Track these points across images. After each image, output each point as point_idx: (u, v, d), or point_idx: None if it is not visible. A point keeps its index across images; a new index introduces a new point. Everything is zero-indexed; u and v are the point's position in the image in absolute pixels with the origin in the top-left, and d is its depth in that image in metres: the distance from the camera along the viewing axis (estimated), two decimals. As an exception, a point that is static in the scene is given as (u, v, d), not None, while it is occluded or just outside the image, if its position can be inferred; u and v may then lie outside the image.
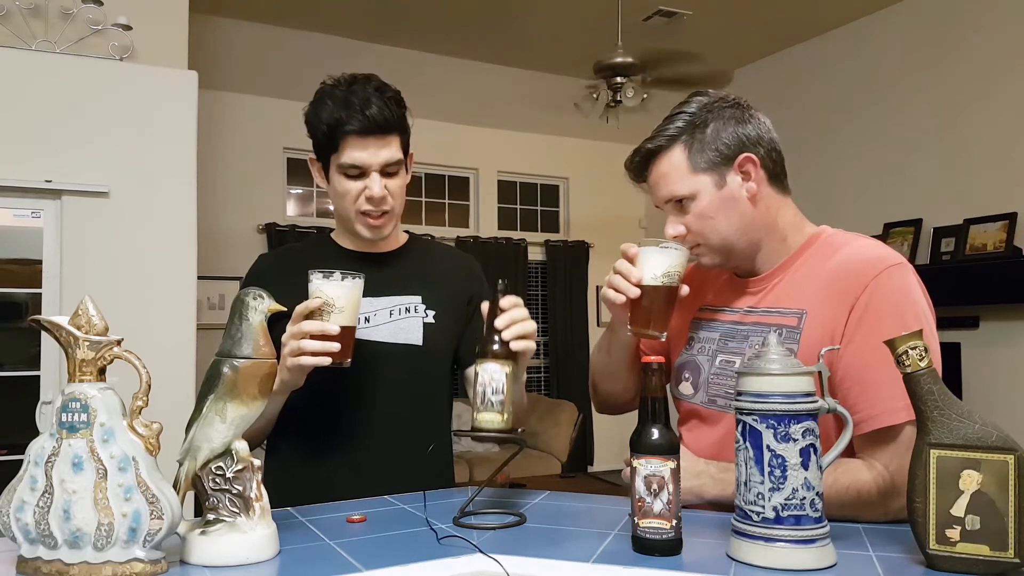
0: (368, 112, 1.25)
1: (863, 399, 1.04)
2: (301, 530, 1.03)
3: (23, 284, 3.16)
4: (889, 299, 1.07)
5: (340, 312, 1.16)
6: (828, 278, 1.13)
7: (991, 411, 3.50)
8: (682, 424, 1.30)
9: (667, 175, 1.19)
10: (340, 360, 1.16)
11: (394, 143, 1.30)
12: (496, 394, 1.03)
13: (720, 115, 1.17)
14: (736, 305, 1.24)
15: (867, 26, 4.90)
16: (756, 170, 1.17)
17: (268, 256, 1.52)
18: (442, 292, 1.41)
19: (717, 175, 1.16)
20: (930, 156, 4.44)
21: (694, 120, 1.17)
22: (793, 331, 1.12)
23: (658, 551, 0.88)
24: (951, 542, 0.82)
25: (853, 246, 1.16)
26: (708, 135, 1.16)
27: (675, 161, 1.18)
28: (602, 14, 4.62)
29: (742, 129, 1.17)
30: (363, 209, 1.31)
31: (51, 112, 3.05)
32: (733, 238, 1.18)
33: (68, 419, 0.83)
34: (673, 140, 1.18)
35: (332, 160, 1.30)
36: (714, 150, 1.16)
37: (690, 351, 1.28)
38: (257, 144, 5.35)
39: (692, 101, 1.20)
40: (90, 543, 0.82)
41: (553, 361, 6.43)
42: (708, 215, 1.17)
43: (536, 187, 6.74)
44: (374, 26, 4.96)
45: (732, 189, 1.16)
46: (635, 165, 1.24)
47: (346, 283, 1.18)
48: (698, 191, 1.17)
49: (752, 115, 1.19)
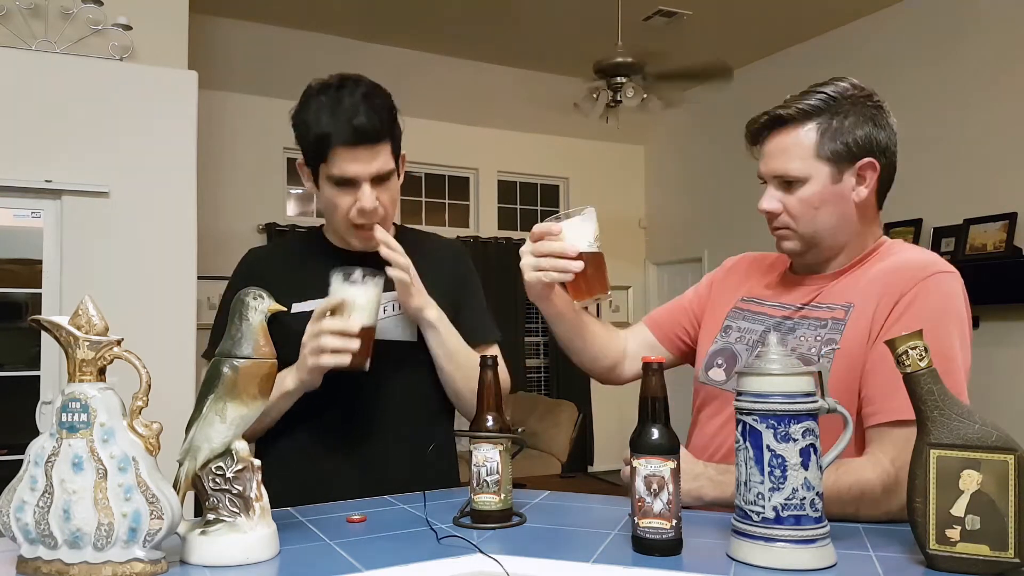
0: (356, 122, 1.21)
1: (882, 391, 1.05)
2: (301, 530, 1.03)
3: (23, 284, 3.16)
4: (932, 302, 1.07)
5: (360, 311, 1.16)
6: (878, 277, 1.13)
7: (991, 411, 3.49)
8: (702, 408, 1.29)
9: (788, 149, 1.15)
10: (359, 363, 1.16)
11: (384, 151, 1.26)
12: (492, 475, 1.04)
13: (861, 110, 1.14)
14: (788, 301, 1.23)
15: (867, 26, 4.90)
16: (873, 178, 1.15)
17: (259, 249, 1.50)
18: (435, 284, 1.39)
19: (836, 169, 1.14)
20: (930, 156, 4.44)
21: (835, 105, 1.14)
22: (839, 323, 1.13)
23: (658, 551, 0.88)
24: (951, 542, 0.82)
25: (909, 252, 1.18)
26: (844, 126, 1.13)
27: (803, 138, 1.14)
28: (602, 14, 4.62)
29: (876, 133, 1.15)
30: (355, 221, 1.28)
31: (51, 112, 3.05)
32: (825, 234, 1.17)
33: (68, 419, 0.83)
34: (808, 116, 1.14)
35: (321, 170, 1.27)
36: (844, 143, 1.13)
37: (727, 338, 1.27)
38: (257, 144, 5.35)
39: (836, 84, 1.16)
40: (90, 543, 0.82)
41: (553, 361, 6.43)
42: (813, 204, 1.15)
43: (536, 187, 6.74)
44: (374, 26, 4.96)
45: (844, 188, 1.15)
46: (758, 126, 1.20)
47: (367, 283, 1.17)
48: (812, 176, 1.14)
49: (888, 121, 1.17)
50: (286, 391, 1.22)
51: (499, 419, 1.08)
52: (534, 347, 6.60)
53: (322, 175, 1.27)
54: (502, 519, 1.05)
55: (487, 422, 1.07)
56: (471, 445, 1.07)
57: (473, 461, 1.06)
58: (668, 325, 1.42)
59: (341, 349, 1.13)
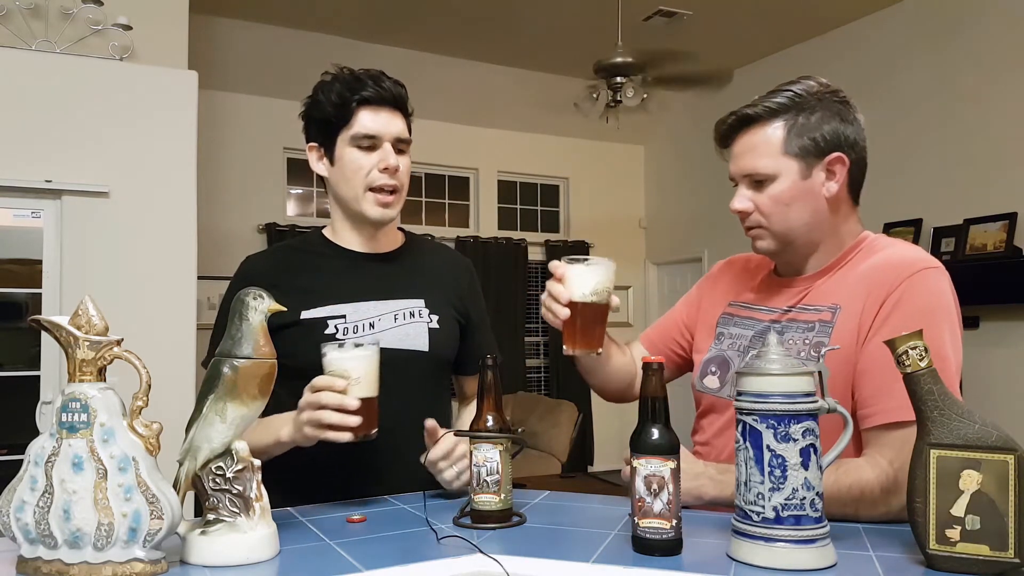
0: (383, 84, 1.29)
1: (878, 393, 1.05)
2: (301, 530, 1.03)
3: (23, 284, 3.16)
4: (919, 300, 1.07)
5: (357, 383, 1.11)
6: (864, 275, 1.13)
7: (991, 411, 3.50)
8: (702, 417, 1.29)
9: (757, 148, 1.16)
10: (365, 433, 1.11)
11: (403, 120, 1.32)
12: (492, 475, 1.04)
13: (829, 106, 1.15)
14: (774, 304, 1.23)
15: (867, 26, 4.90)
16: (843, 172, 1.15)
17: (258, 257, 1.43)
18: (442, 295, 1.40)
19: (805, 164, 1.14)
20: (930, 156, 4.44)
21: (802, 102, 1.14)
22: (826, 325, 1.13)
23: (658, 551, 0.88)
24: (951, 542, 0.82)
25: (893, 248, 1.17)
26: (811, 122, 1.14)
27: (770, 136, 1.15)
28: (602, 14, 4.62)
29: (843, 128, 1.15)
30: (375, 184, 1.30)
31: (51, 112, 3.05)
32: (798, 231, 1.17)
33: (68, 419, 0.83)
34: (775, 114, 1.15)
35: (342, 134, 1.30)
36: (811, 139, 1.13)
37: (719, 346, 1.27)
38: (257, 144, 5.35)
39: (803, 82, 1.17)
40: (90, 543, 0.82)
41: (553, 361, 6.43)
42: (783, 201, 1.15)
43: (536, 187, 6.74)
44: (374, 26, 4.96)
45: (814, 183, 1.15)
46: (726, 128, 1.20)
47: (361, 353, 1.12)
48: (781, 173, 1.14)
49: (855, 117, 1.17)
50: (279, 440, 1.17)
51: (499, 419, 1.08)
52: (534, 347, 6.60)
53: (342, 142, 1.30)
54: (502, 519, 1.05)
55: (487, 422, 1.07)
56: (471, 445, 1.07)
57: (473, 461, 1.06)
58: (662, 342, 1.42)
59: (339, 425, 1.09)
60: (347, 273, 1.35)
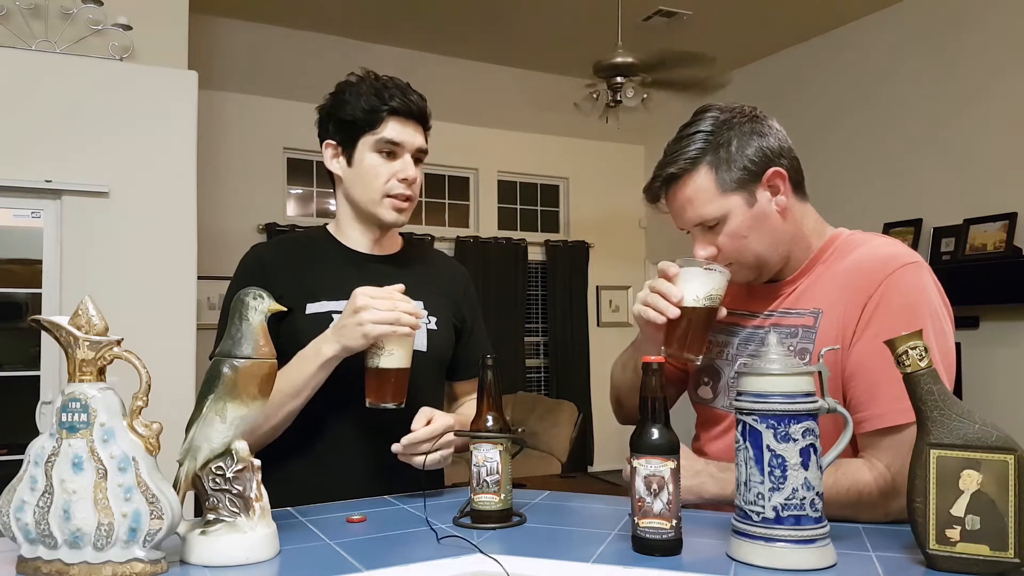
0: (412, 98, 1.34)
1: (869, 397, 1.04)
2: (301, 530, 1.03)
3: (23, 284, 3.16)
4: (901, 297, 1.06)
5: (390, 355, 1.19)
6: (843, 276, 1.12)
7: (991, 411, 3.50)
8: (700, 426, 1.30)
9: (694, 199, 1.15)
10: (398, 402, 1.20)
11: (423, 134, 1.37)
12: (492, 475, 1.05)
13: (740, 130, 1.14)
14: (757, 310, 1.23)
15: (867, 26, 4.90)
16: (784, 183, 1.15)
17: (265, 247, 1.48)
18: (440, 298, 1.42)
19: (747, 193, 1.13)
20: (930, 156, 4.44)
21: (715, 139, 1.14)
22: (809, 330, 1.12)
23: (658, 551, 0.88)
24: (951, 542, 0.82)
25: (869, 245, 1.16)
26: (733, 153, 1.13)
27: (701, 183, 1.14)
28: (602, 14, 4.62)
29: (764, 142, 1.14)
30: (393, 192, 1.33)
31: (51, 112, 3.05)
32: (766, 254, 1.16)
33: (68, 419, 0.83)
34: (695, 162, 1.14)
35: (366, 137, 1.32)
36: (741, 168, 1.13)
37: (708, 354, 1.27)
38: (257, 144, 5.34)
39: (705, 118, 1.17)
40: (90, 543, 0.82)
41: (553, 361, 6.42)
42: (741, 234, 1.14)
43: (536, 187, 6.73)
44: (374, 26, 4.96)
45: (762, 205, 1.14)
46: (654, 190, 1.21)
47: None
48: (729, 212, 1.14)
49: (769, 125, 1.17)
50: (326, 359, 1.20)
51: (499, 419, 1.08)
52: (534, 347, 6.60)
53: (364, 145, 1.33)
54: (502, 519, 1.05)
55: (487, 422, 1.07)
56: (471, 445, 1.07)
57: (473, 461, 1.06)
58: None
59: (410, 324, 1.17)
60: (351, 270, 1.36)
